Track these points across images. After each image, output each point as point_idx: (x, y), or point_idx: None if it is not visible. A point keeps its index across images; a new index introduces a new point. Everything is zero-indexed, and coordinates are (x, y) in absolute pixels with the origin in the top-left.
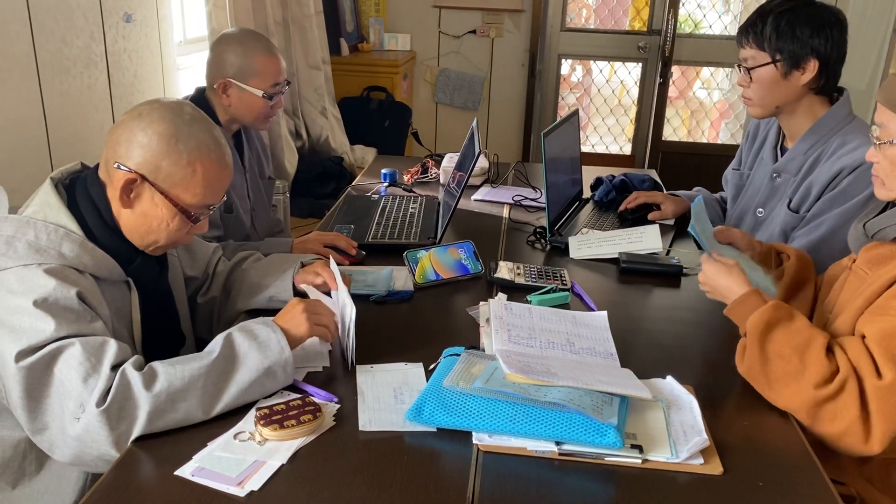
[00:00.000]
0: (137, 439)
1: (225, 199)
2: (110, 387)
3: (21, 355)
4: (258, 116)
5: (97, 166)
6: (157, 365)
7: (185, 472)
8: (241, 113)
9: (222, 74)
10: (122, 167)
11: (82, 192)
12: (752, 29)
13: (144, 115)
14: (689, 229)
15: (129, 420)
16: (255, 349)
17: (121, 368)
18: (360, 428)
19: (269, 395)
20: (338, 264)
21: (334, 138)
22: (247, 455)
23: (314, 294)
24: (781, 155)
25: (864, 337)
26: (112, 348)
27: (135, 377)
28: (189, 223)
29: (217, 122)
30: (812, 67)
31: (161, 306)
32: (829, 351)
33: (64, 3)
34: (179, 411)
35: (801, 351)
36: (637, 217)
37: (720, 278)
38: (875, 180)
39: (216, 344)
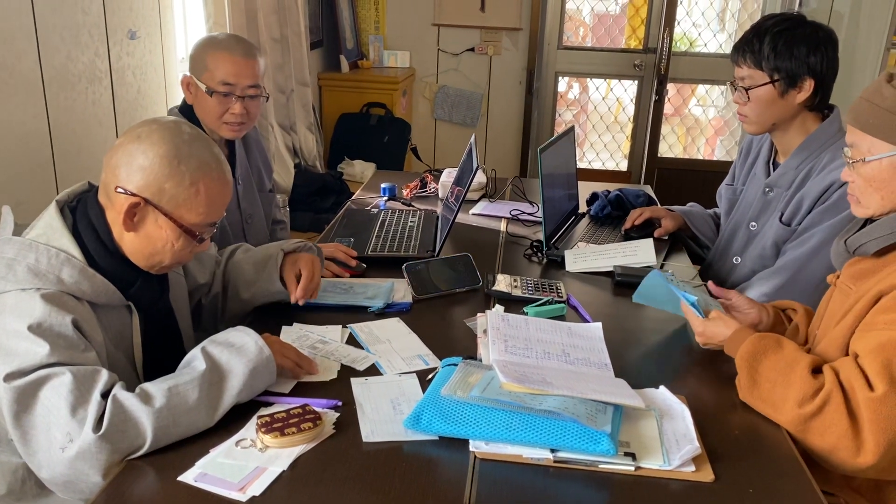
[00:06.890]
0: None
1: (225, 214)
2: (103, 413)
3: (10, 377)
4: (211, 117)
5: (97, 189)
6: (148, 386)
7: (188, 477)
8: (199, 114)
9: (188, 70)
10: (123, 191)
11: (83, 216)
12: (749, 48)
13: (143, 137)
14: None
15: (132, 439)
16: (235, 354)
17: (111, 394)
18: (364, 440)
19: (270, 404)
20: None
21: (320, 155)
22: (248, 462)
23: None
24: (774, 170)
25: (857, 356)
26: (103, 377)
27: (128, 398)
28: (194, 242)
29: (201, 130)
30: (808, 86)
31: (163, 327)
32: (818, 371)
33: (70, 21)
34: (181, 425)
35: (785, 373)
36: (643, 234)
37: (717, 330)
38: (851, 199)
39: (195, 359)
